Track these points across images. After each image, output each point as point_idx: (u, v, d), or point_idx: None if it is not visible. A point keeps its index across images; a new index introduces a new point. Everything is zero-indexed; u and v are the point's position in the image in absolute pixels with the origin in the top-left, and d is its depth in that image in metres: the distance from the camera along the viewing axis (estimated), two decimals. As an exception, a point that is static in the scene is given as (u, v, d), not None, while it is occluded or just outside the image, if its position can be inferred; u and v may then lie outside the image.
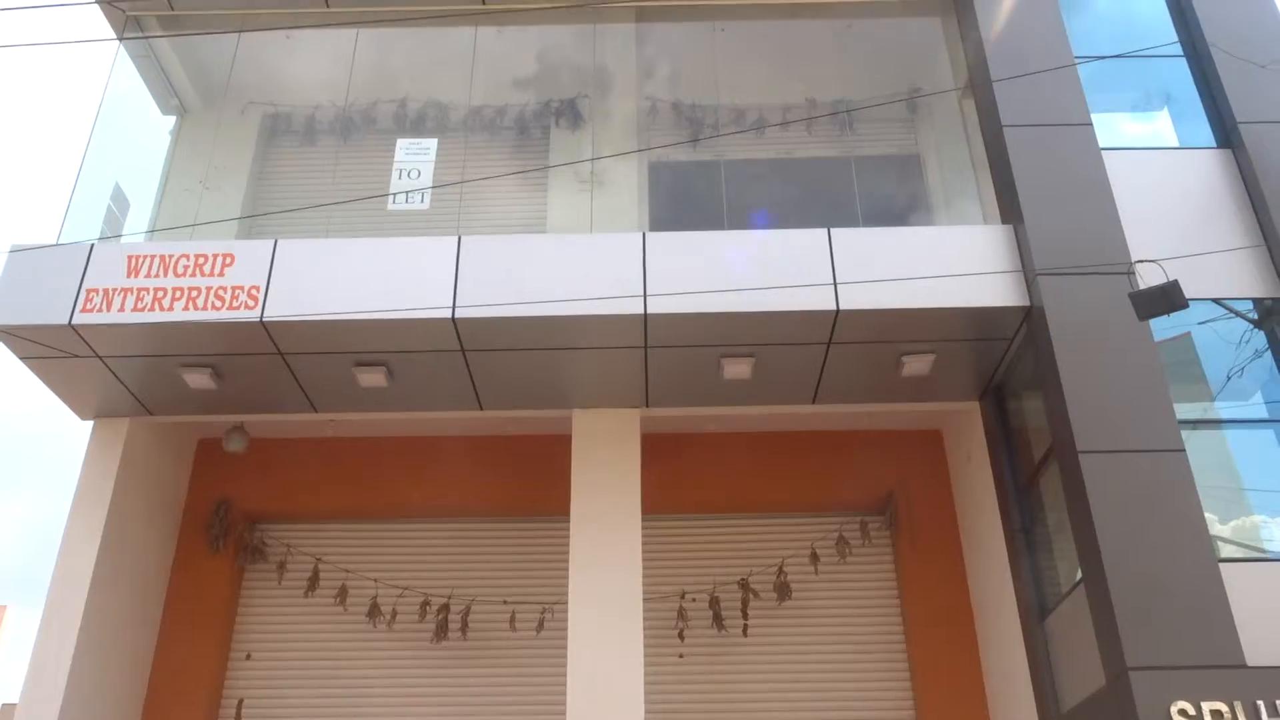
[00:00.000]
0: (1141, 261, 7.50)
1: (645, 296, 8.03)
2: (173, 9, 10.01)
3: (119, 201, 9.82)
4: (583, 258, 8.33)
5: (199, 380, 8.75)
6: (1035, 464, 8.30)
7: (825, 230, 8.36)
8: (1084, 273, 7.83)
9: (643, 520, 8.87)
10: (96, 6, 9.91)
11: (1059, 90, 8.75)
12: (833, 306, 7.98)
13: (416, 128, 10.57)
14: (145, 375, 8.84)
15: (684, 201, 10.11)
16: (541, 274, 8.22)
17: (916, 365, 8.63)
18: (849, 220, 9.34)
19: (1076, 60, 9.03)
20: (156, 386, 8.98)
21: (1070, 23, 9.17)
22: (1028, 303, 8.03)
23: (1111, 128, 8.95)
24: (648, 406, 9.31)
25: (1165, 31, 9.29)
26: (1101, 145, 8.55)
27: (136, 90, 10.49)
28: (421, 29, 10.23)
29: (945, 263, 8.16)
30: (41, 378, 8.85)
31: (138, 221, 9.90)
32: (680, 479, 9.86)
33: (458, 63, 10.46)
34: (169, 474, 9.98)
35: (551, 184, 10.35)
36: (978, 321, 8.22)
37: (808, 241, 8.33)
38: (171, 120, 10.78)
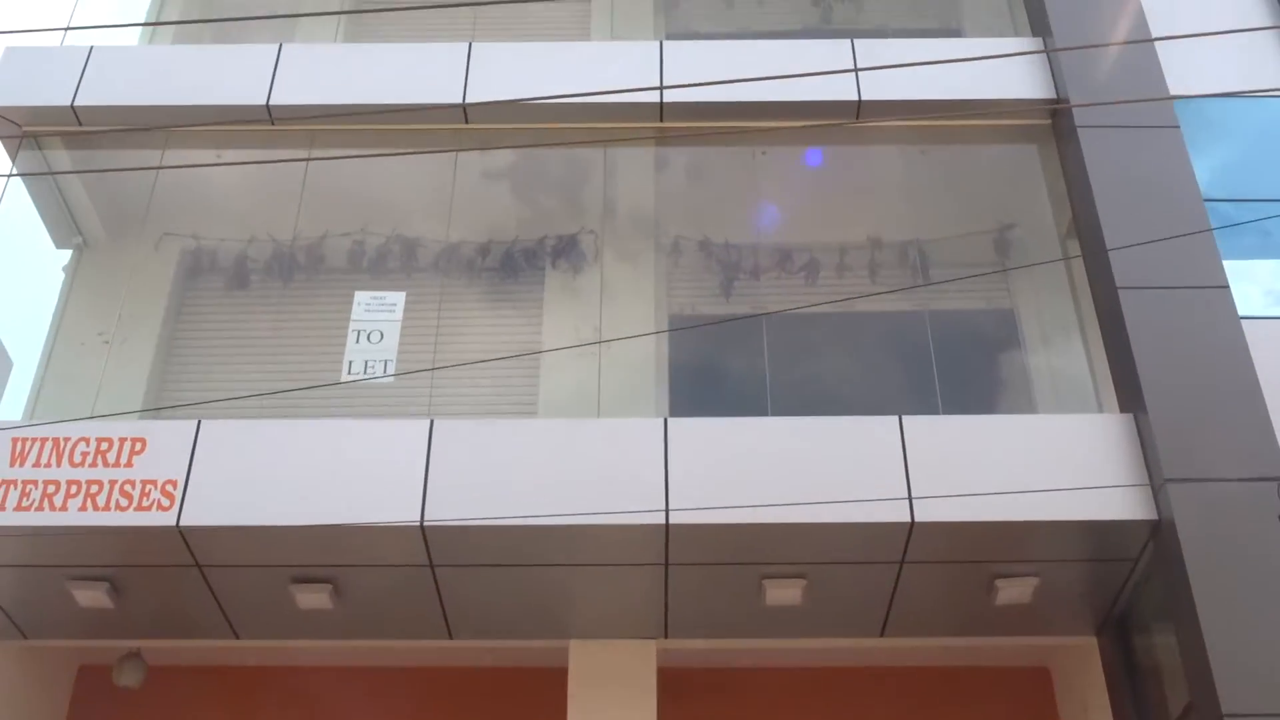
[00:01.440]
0: (1295, 477, 7.91)
1: (667, 504, 8.42)
2: (79, 123, 10.72)
3: (-1, 362, 10.35)
4: (588, 450, 8.76)
5: (92, 597, 9.10)
6: (1172, 722, 8.54)
7: (896, 418, 8.81)
8: (1225, 480, 8.23)
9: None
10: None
11: (1187, 244, 9.32)
12: (906, 518, 8.37)
13: (376, 268, 11.13)
14: (23, 589, 9.18)
15: (715, 368, 10.60)
16: (535, 471, 8.64)
17: (1014, 591, 8.96)
18: (925, 399, 9.81)
19: (1208, 201, 9.64)
20: (36, 603, 9.31)
21: (1199, 162, 9.82)
22: (1154, 515, 8.41)
23: (1253, 290, 9.49)
24: (667, 638, 9.61)
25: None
26: (1242, 313, 9.07)
27: (28, 218, 11.13)
28: (387, 149, 10.91)
29: (1048, 462, 8.56)
30: (-112, 590, 9.19)
31: (20, 384, 10.39)
32: (710, 730, 10.09)
33: (431, 188, 11.11)
34: (41, 714, 10.21)
35: (547, 342, 10.87)
36: (1091, 538, 8.59)
37: (874, 431, 8.77)
38: (66, 255, 11.39)
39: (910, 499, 8.39)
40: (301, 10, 12.61)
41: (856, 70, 9.46)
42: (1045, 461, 8.61)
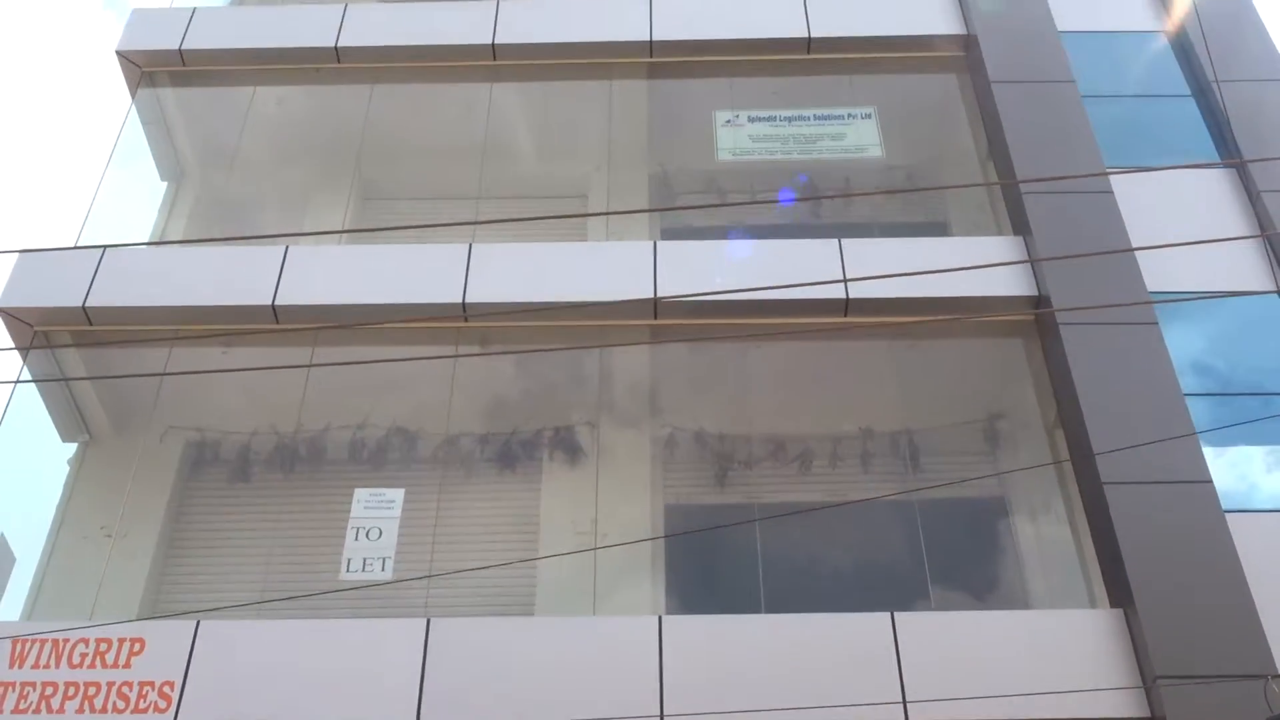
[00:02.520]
0: (1281, 678, 8.01)
1: (662, 707, 8.49)
2: (90, 323, 11.04)
3: (1, 557, 10.49)
4: (584, 649, 8.86)
5: (87, 799, 9.08)
6: None
7: (889, 615, 8.92)
8: (1215, 678, 8.31)
9: None
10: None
11: (1164, 419, 9.55)
12: (900, 718, 8.43)
13: (377, 460, 11.39)
14: (14, 794, 9.17)
15: (709, 560, 10.73)
16: (531, 671, 8.72)
17: (1011, 788, 8.94)
18: (917, 591, 9.93)
19: (1188, 395, 9.90)
20: (31, 803, 9.28)
21: (1180, 352, 10.11)
22: (1147, 713, 8.45)
23: (1238, 485, 9.68)
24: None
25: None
26: (1226, 507, 9.24)
27: (35, 413, 11.39)
28: (389, 345, 11.23)
29: (1041, 659, 8.66)
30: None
31: (21, 580, 10.52)
32: None
33: (431, 381, 11.38)
34: None
35: (544, 532, 11.03)
36: (1086, 734, 8.62)
37: (867, 628, 8.87)
38: (71, 449, 11.62)
39: (904, 702, 8.45)
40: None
41: (846, 280, 9.78)
42: (1038, 658, 8.71)
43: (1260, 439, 10.09)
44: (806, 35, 13.17)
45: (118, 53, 13.47)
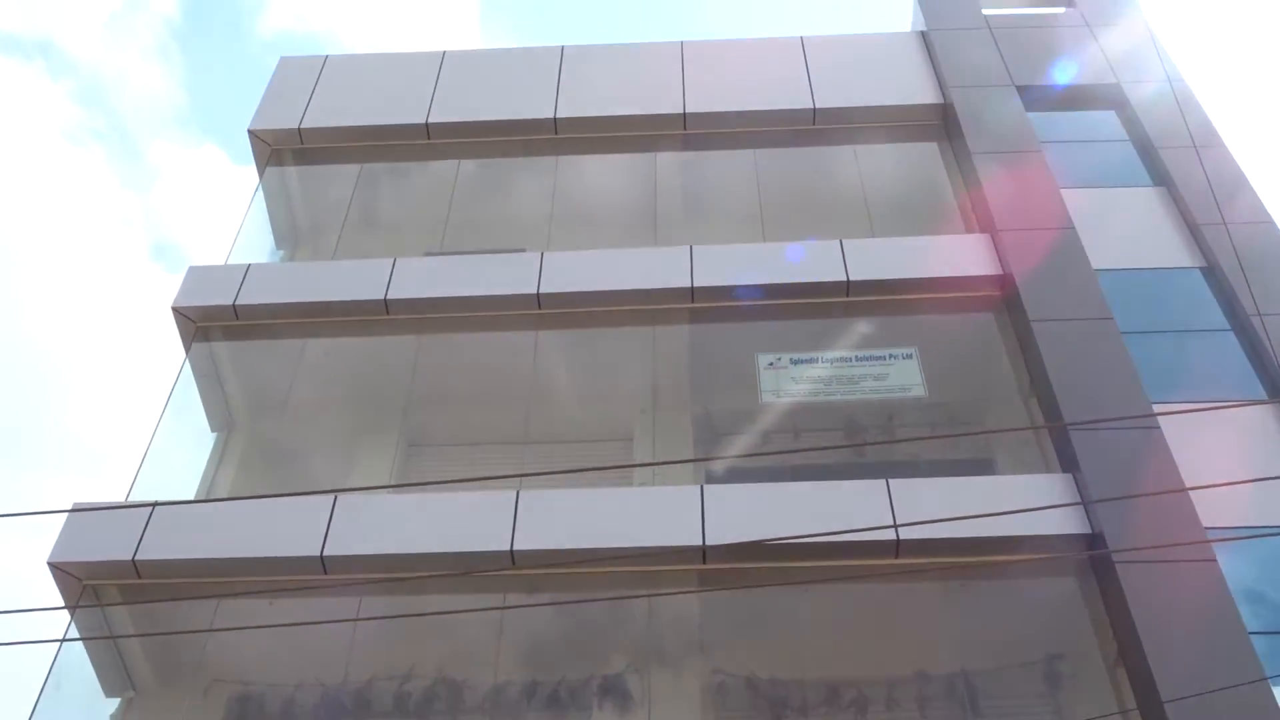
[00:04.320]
0: None
1: None
2: (139, 576, 11.14)
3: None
4: None
5: None
6: None
7: None
8: None
9: None
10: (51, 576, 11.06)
11: (1230, 658, 9.34)
12: None
13: (422, 711, 11.24)
14: None
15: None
16: None
17: None
18: None
19: (1252, 634, 9.71)
20: None
21: (1238, 586, 9.98)
22: None
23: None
24: None
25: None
26: (1303, 748, 8.97)
27: (80, 670, 11.37)
28: (440, 594, 11.23)
29: None
30: None
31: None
32: None
33: (478, 630, 11.33)
34: None
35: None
36: None
37: None
38: (115, 704, 11.56)
39: None
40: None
41: (896, 525, 9.81)
42: None
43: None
44: (846, 279, 13.52)
45: (174, 309, 13.94)
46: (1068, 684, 11.12)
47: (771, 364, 13.20)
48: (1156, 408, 11.38)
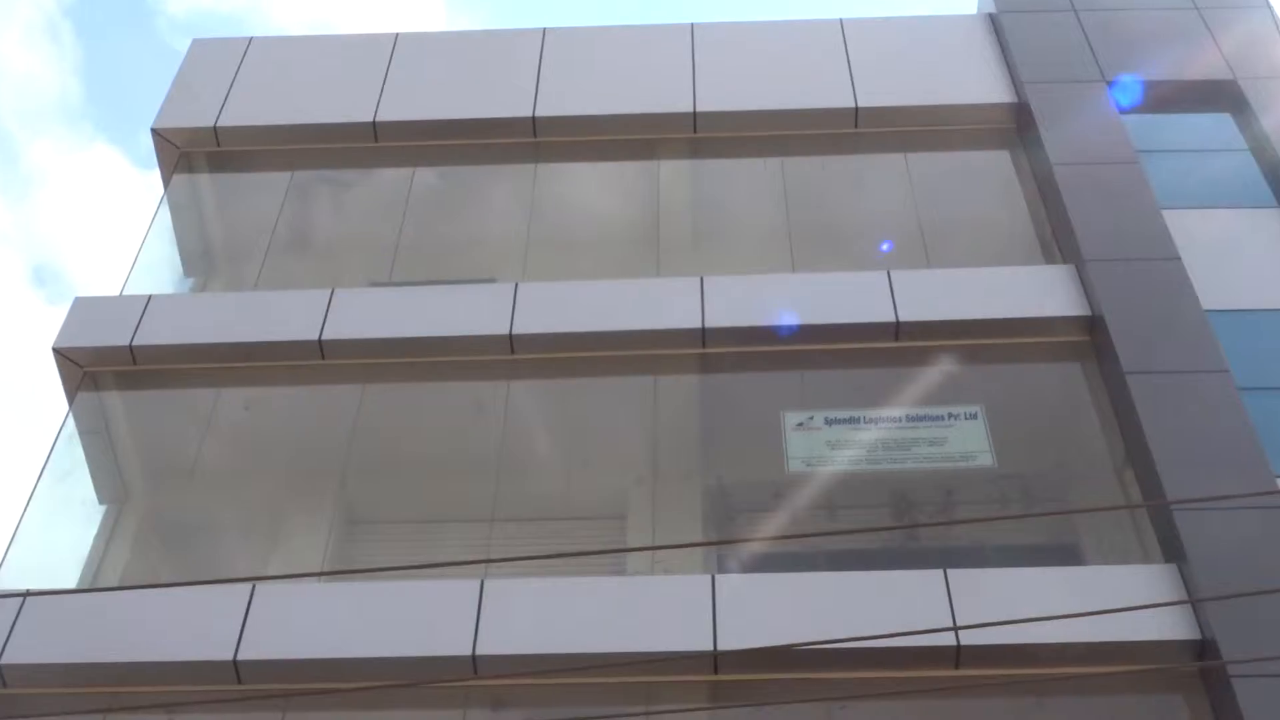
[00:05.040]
0: None
1: None
2: (5, 685, 11.14)
3: None
4: None
5: None
6: None
7: None
8: None
9: None
10: None
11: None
12: None
13: None
14: None
15: None
16: None
17: None
18: None
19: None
20: None
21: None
22: None
23: None
24: None
25: None
26: None
27: None
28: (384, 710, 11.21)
29: None
30: None
31: None
32: None
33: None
34: None
35: None
36: None
37: None
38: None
39: None
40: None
41: (956, 628, 9.81)
42: None
43: None
44: (894, 319, 13.58)
45: (55, 350, 13.97)
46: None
47: (801, 425, 13.24)
48: (1284, 490, 11.42)
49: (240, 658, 11.03)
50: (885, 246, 14.01)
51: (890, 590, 11.26)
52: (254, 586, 11.48)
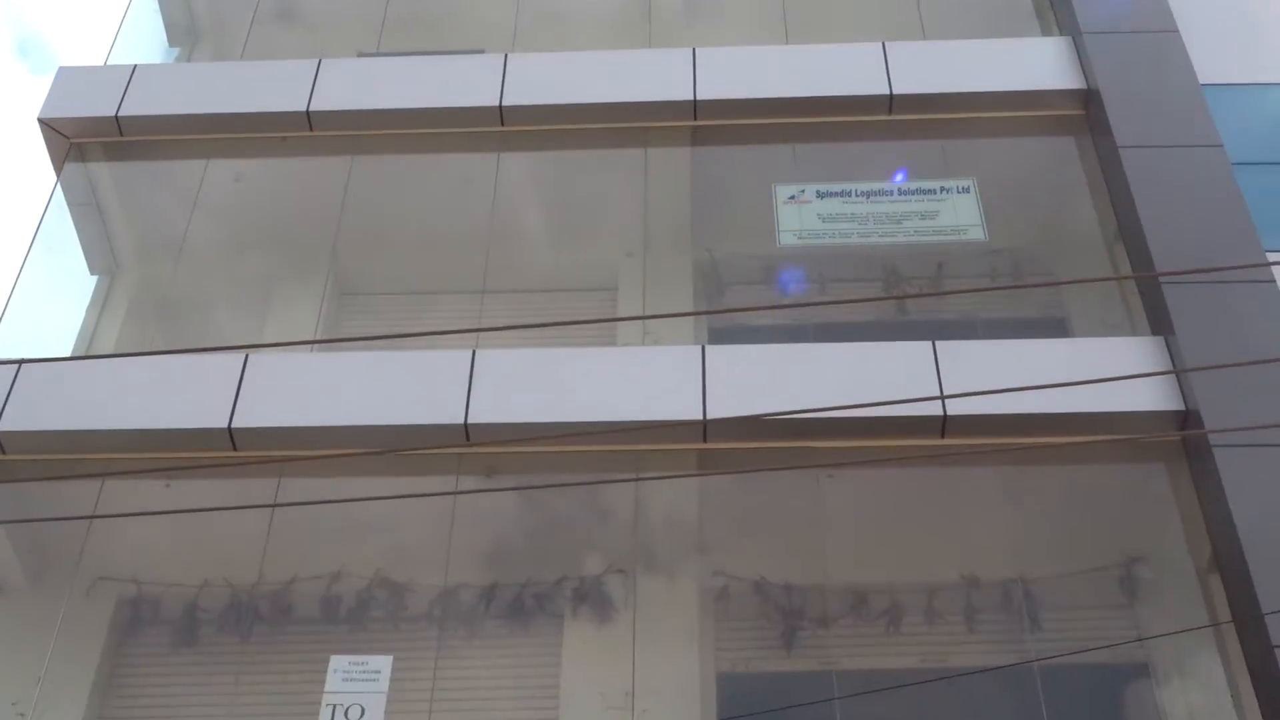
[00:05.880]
0: None
1: None
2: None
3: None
4: None
5: None
6: None
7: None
8: None
9: None
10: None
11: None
12: None
13: (355, 619, 11.40)
14: None
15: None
16: None
17: None
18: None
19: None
20: None
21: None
22: None
23: None
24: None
25: None
26: None
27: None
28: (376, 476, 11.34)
29: None
30: None
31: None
32: None
33: (425, 519, 11.44)
34: None
35: (567, 703, 11.01)
36: None
37: None
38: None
39: None
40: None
41: (943, 396, 9.87)
42: None
43: None
44: (888, 92, 13.42)
45: (41, 121, 13.81)
46: (1149, 593, 11.32)
47: (792, 198, 13.17)
48: (1272, 256, 11.40)
49: (235, 425, 11.10)
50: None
51: (878, 361, 11.30)
52: (247, 355, 11.50)
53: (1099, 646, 10.82)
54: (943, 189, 13.14)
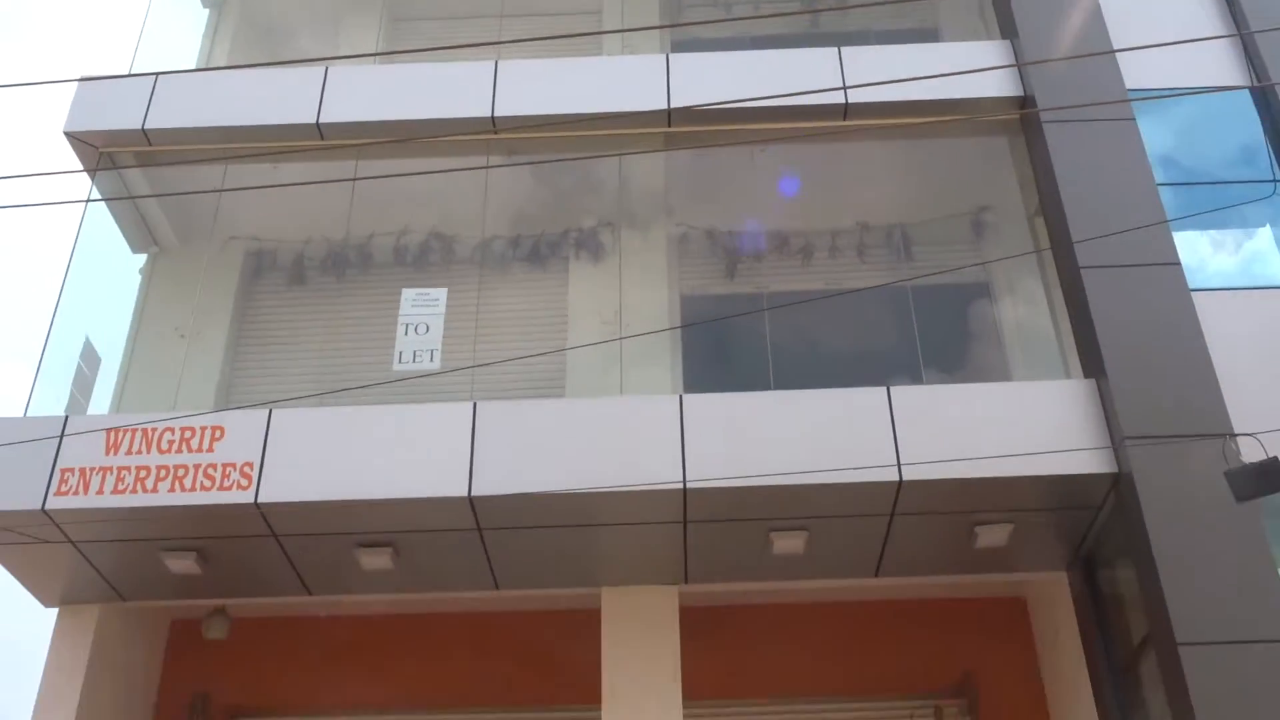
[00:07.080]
0: (1239, 435, 8.17)
1: (685, 473, 8.74)
2: (150, 143, 10.95)
3: (89, 359, 10.66)
4: (613, 426, 9.07)
5: (182, 565, 9.47)
6: (1133, 648, 8.86)
7: (884, 389, 9.09)
8: (1178, 437, 8.50)
9: (684, 708, 9.43)
10: (69, 144, 10.86)
11: (1137, 205, 9.54)
12: (895, 478, 8.68)
13: (418, 263, 11.47)
14: (122, 559, 9.56)
15: (723, 346, 10.88)
16: (568, 444, 8.96)
17: (992, 536, 9.28)
18: (910, 369, 10.09)
19: (1160, 185, 9.83)
20: (133, 571, 9.69)
21: (1153, 145, 9.99)
22: (1115, 469, 8.69)
23: (1203, 265, 9.71)
24: (687, 583, 9.95)
25: (1261, 153, 10.13)
26: (1192, 286, 9.29)
27: (107, 229, 11.40)
28: (425, 157, 11.14)
29: (1020, 424, 8.85)
30: (2, 563, 9.57)
31: (109, 378, 10.72)
32: (726, 660, 10.47)
33: (465, 190, 11.34)
34: (140, 665, 10.63)
35: (572, 322, 11.16)
36: (1059, 490, 8.89)
37: (865, 402, 9.06)
38: (142, 259, 11.67)
39: (899, 464, 8.68)
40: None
41: (845, 86, 9.64)
42: (1019, 423, 8.90)
43: (1225, 224, 10.08)
44: None
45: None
46: (991, 232, 11.39)
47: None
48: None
49: (322, 120, 10.84)
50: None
51: (799, 63, 10.89)
52: (327, 67, 11.14)
53: (953, 269, 10.94)
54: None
